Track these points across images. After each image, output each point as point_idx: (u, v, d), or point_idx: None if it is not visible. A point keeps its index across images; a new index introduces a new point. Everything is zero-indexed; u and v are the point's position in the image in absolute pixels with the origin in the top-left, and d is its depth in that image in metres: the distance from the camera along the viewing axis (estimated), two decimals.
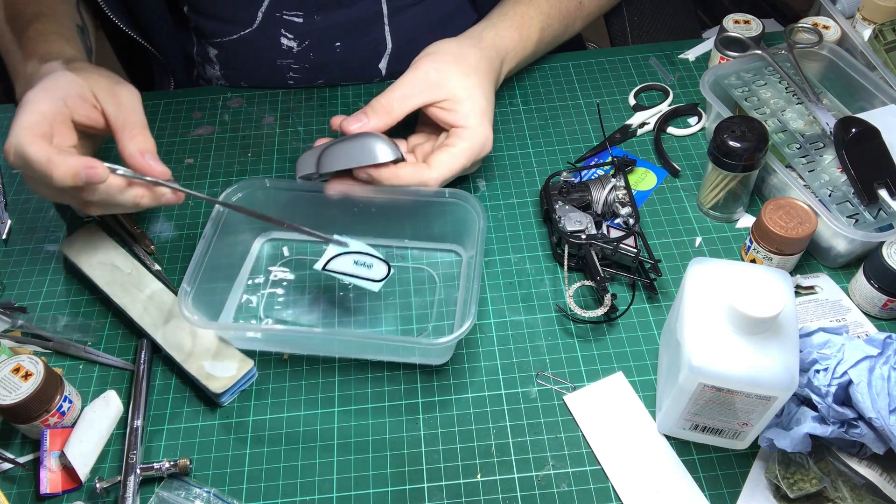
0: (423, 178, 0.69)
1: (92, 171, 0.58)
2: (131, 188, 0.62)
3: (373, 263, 0.66)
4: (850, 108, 0.79)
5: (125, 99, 0.64)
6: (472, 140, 0.71)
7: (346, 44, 0.87)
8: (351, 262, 0.66)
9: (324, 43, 0.87)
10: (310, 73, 0.89)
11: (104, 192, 0.61)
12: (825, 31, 0.84)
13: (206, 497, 0.59)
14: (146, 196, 0.63)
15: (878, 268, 0.64)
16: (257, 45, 0.87)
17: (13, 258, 0.76)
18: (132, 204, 0.63)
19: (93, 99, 0.64)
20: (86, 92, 0.63)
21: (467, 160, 0.71)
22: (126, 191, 0.62)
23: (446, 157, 0.70)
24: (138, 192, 0.63)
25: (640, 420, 0.62)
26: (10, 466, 0.61)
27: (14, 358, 0.60)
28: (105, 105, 0.64)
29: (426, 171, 0.69)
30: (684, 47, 0.93)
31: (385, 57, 0.89)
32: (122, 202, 0.62)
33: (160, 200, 0.64)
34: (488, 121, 0.72)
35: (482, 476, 0.60)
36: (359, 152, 0.68)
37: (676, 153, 0.82)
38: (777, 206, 0.68)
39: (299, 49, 0.87)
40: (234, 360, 0.64)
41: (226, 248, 0.70)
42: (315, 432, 0.63)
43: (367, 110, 0.71)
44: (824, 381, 0.54)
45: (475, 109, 0.71)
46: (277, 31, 0.85)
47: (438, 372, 0.66)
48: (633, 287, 0.70)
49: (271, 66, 0.88)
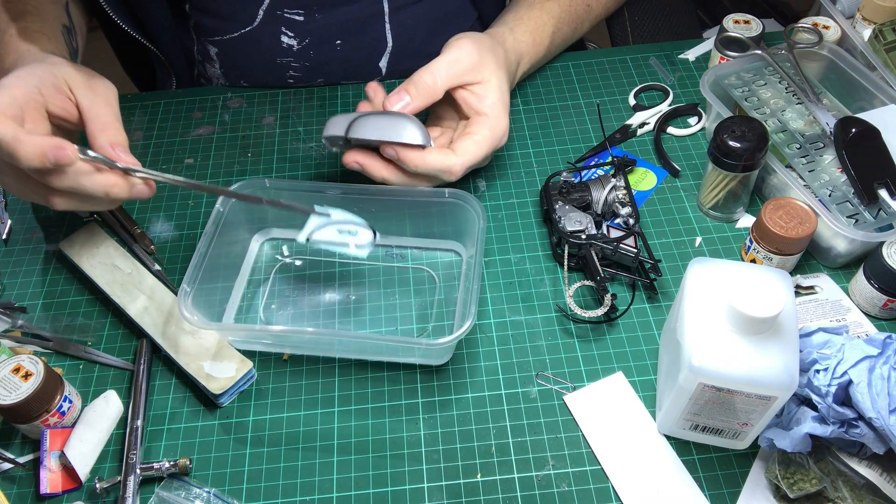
0: (448, 163, 0.69)
1: (61, 152, 0.55)
2: (101, 175, 0.59)
3: (357, 231, 0.65)
4: (850, 108, 0.79)
5: (100, 92, 0.62)
6: (493, 129, 0.71)
7: (347, 42, 0.87)
8: (335, 231, 0.65)
9: (324, 41, 0.87)
10: (310, 71, 0.89)
11: (72, 179, 0.58)
12: (825, 31, 0.84)
13: (206, 497, 0.59)
14: (117, 185, 0.59)
15: (878, 268, 0.64)
16: (257, 44, 0.87)
17: (13, 258, 0.76)
18: (102, 193, 0.59)
19: (67, 90, 0.61)
20: (61, 83, 0.61)
21: (489, 148, 0.71)
22: (95, 177, 0.58)
23: (471, 145, 0.70)
24: (109, 181, 0.59)
25: (640, 420, 0.62)
26: (10, 466, 0.61)
27: (14, 358, 0.60)
28: (80, 97, 0.61)
29: (452, 157, 0.69)
30: (684, 47, 0.93)
31: (385, 55, 0.89)
32: (91, 191, 0.59)
33: (132, 192, 0.61)
34: (507, 111, 0.73)
35: (482, 476, 0.60)
36: (391, 128, 0.68)
37: (676, 153, 0.82)
38: (777, 206, 0.68)
39: (299, 47, 0.87)
40: (234, 361, 0.64)
41: (225, 248, 0.70)
42: (315, 432, 0.63)
43: (410, 89, 0.70)
44: (824, 381, 0.54)
45: (500, 100, 0.72)
46: (278, 29, 0.85)
47: (438, 372, 0.66)
48: (633, 287, 0.70)
49: (271, 65, 0.88)
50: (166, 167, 0.83)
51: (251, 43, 0.87)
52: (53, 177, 0.57)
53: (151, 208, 0.79)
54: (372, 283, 0.72)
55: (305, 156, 0.83)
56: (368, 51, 0.89)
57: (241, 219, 0.72)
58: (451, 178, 0.70)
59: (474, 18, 0.94)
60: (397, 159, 0.69)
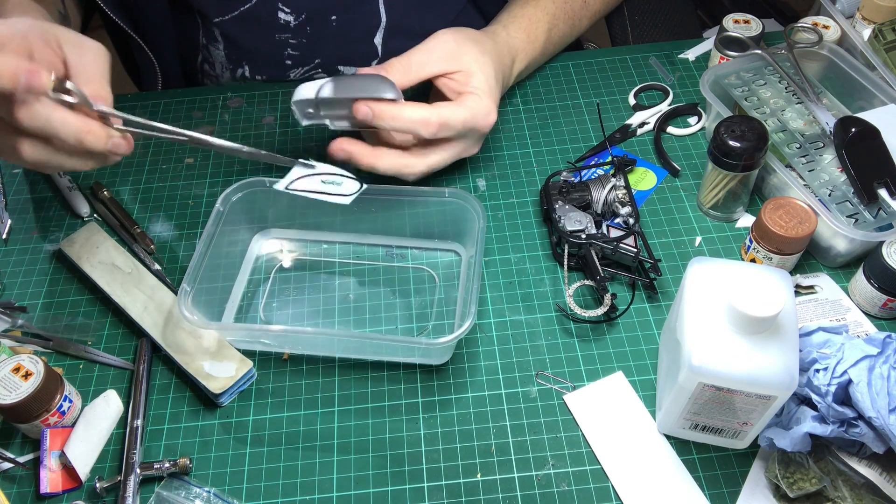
0: (425, 114, 0.68)
1: (34, 75, 0.50)
2: (75, 117, 0.54)
3: (342, 182, 0.63)
4: (850, 108, 0.79)
5: (90, 51, 0.58)
6: (474, 103, 0.71)
7: (342, 17, 0.88)
8: (318, 181, 0.63)
9: (320, 16, 0.87)
10: (307, 49, 0.89)
11: (43, 117, 0.53)
12: (825, 30, 0.84)
13: (206, 497, 0.59)
14: (92, 133, 0.55)
15: (878, 267, 0.64)
16: (256, 21, 0.87)
17: (13, 258, 0.76)
18: (74, 139, 0.54)
19: (56, 46, 0.57)
20: (50, 37, 0.57)
21: (467, 115, 0.70)
22: (68, 117, 0.54)
23: (447, 105, 0.70)
24: (83, 125, 0.55)
25: (640, 420, 0.62)
26: (10, 466, 0.61)
27: (14, 357, 0.60)
28: (68, 53, 0.57)
29: (428, 109, 0.68)
30: (684, 47, 0.93)
31: (380, 32, 0.90)
32: (62, 134, 0.54)
33: (107, 144, 0.56)
34: (493, 98, 0.73)
35: (482, 475, 0.60)
36: (361, 85, 0.66)
37: (676, 153, 0.82)
38: (777, 205, 0.68)
39: (296, 23, 0.87)
40: (234, 361, 0.64)
41: (225, 248, 0.70)
42: (315, 432, 0.63)
43: (386, 66, 0.70)
44: (824, 381, 0.54)
45: (484, 83, 0.72)
46: (275, 4, 0.86)
47: (438, 372, 0.66)
48: (633, 287, 0.70)
49: (270, 41, 0.89)
50: (166, 167, 0.83)
51: (250, 21, 0.87)
52: (23, 111, 0.53)
53: (151, 208, 0.79)
54: (371, 283, 0.72)
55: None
56: (363, 26, 0.89)
57: (241, 219, 0.72)
58: (426, 130, 0.68)
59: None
60: (372, 118, 0.67)
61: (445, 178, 0.80)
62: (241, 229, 0.73)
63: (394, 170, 0.71)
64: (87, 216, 0.78)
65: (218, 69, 0.94)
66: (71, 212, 0.79)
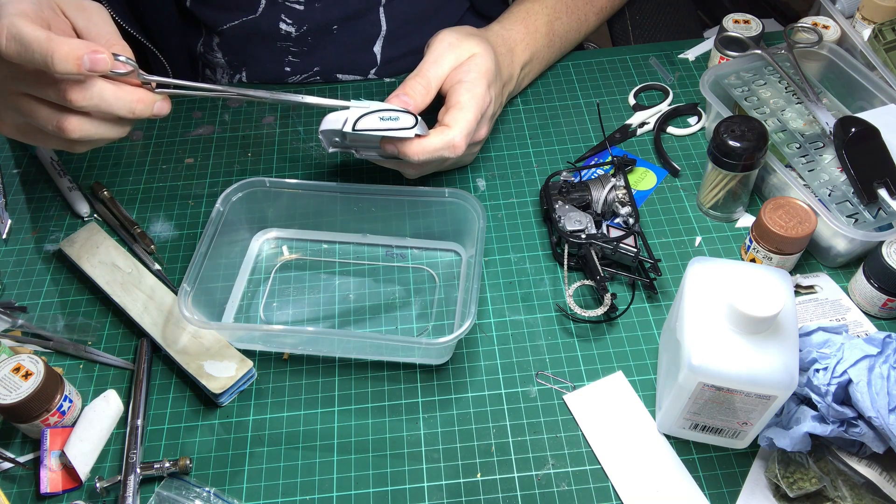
0: (447, 138, 0.67)
1: (97, 55, 0.51)
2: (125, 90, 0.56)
3: (398, 116, 0.64)
4: (850, 108, 0.79)
5: (94, 13, 0.58)
6: (474, 93, 0.70)
7: (343, 27, 0.88)
8: (377, 119, 0.64)
9: (321, 27, 0.88)
10: (307, 56, 0.90)
11: (97, 94, 0.54)
12: (825, 30, 0.84)
13: (206, 496, 0.59)
14: (142, 101, 0.56)
15: (878, 267, 0.64)
16: (257, 30, 0.88)
17: (13, 258, 0.76)
18: (127, 110, 0.55)
19: (61, 13, 0.57)
20: (53, 5, 0.57)
21: (477, 110, 0.70)
22: (120, 91, 0.55)
23: (458, 113, 0.69)
24: (134, 95, 0.56)
25: (639, 419, 0.62)
26: (10, 466, 0.61)
27: (14, 357, 0.60)
28: (75, 20, 0.57)
29: (448, 132, 0.68)
30: (684, 47, 0.93)
31: (379, 40, 0.90)
32: (115, 108, 0.55)
33: (153, 109, 0.58)
34: (487, 83, 0.71)
35: (482, 475, 0.60)
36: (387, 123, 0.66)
37: (676, 153, 0.82)
38: (777, 205, 0.68)
39: (298, 34, 0.88)
40: (234, 361, 0.65)
41: (225, 248, 0.70)
42: (315, 432, 0.63)
43: (409, 91, 0.69)
44: (824, 381, 0.54)
45: (479, 68, 0.71)
46: (278, 16, 0.86)
47: (438, 372, 0.66)
48: (633, 287, 0.70)
49: (271, 49, 0.89)
50: (166, 167, 0.83)
51: (251, 30, 0.88)
52: (77, 91, 0.53)
53: (151, 208, 0.79)
54: (372, 283, 0.72)
55: (305, 156, 0.83)
56: (363, 35, 0.90)
57: (241, 218, 0.72)
58: (455, 151, 0.68)
59: (466, 6, 0.94)
60: (399, 154, 0.68)
61: (445, 178, 0.80)
62: (241, 229, 0.73)
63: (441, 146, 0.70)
64: (87, 216, 0.78)
65: (218, 74, 0.94)
66: (71, 212, 0.79)
